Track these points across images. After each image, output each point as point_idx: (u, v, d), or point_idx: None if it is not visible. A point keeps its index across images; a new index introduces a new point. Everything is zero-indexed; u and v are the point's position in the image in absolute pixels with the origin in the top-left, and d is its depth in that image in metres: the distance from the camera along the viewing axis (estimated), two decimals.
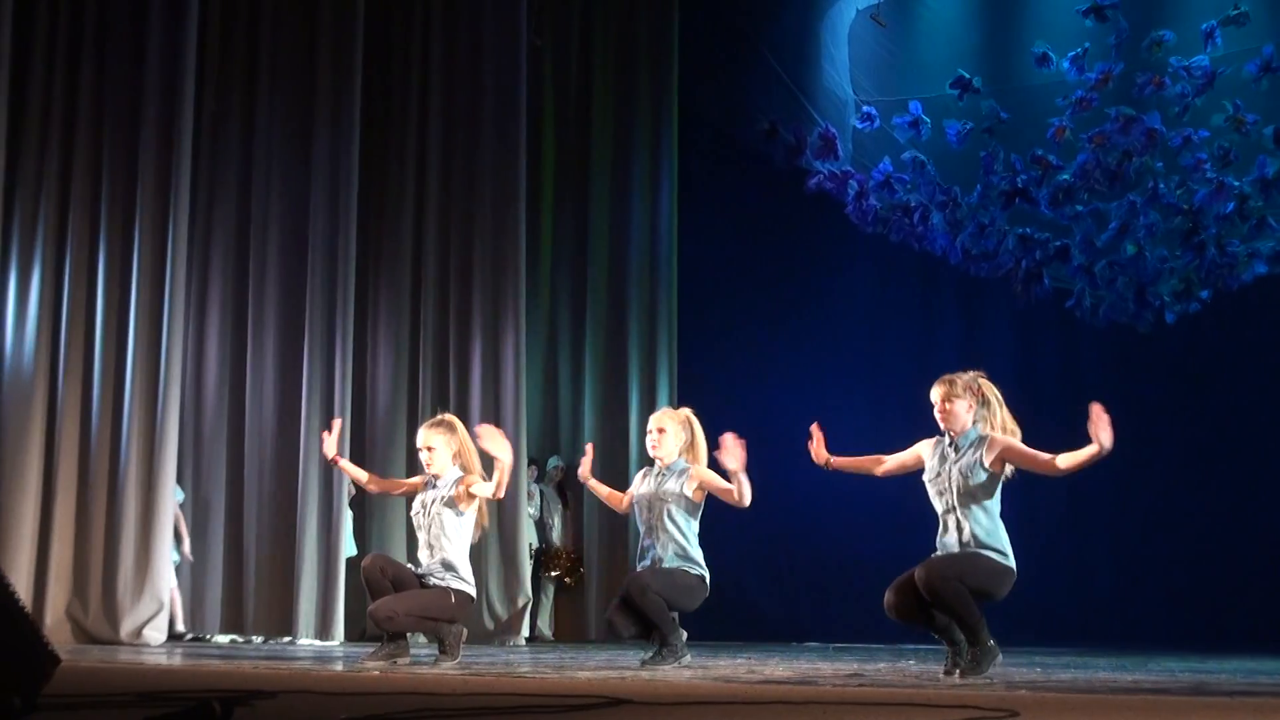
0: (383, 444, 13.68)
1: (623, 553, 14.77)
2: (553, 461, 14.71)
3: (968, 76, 14.90)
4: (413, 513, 8.85)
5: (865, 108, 15.39)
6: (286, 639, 12.55)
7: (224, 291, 13.24)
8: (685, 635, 8.45)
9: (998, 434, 7.55)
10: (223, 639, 12.48)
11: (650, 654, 8.37)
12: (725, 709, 4.82)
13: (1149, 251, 14.53)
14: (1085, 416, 7.38)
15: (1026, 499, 14.49)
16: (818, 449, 7.98)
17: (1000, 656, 7.36)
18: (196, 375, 13.11)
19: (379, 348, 13.88)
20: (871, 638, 13.37)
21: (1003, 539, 7.46)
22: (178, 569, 12.52)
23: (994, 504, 7.52)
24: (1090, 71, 14.55)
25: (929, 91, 15.17)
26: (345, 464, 9.58)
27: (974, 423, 7.62)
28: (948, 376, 7.70)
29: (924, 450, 7.84)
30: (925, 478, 7.78)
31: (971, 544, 7.44)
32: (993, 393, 7.70)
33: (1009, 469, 7.55)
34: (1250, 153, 14.20)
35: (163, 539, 11.70)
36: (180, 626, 12.41)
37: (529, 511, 13.89)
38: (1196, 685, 6.71)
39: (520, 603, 13.11)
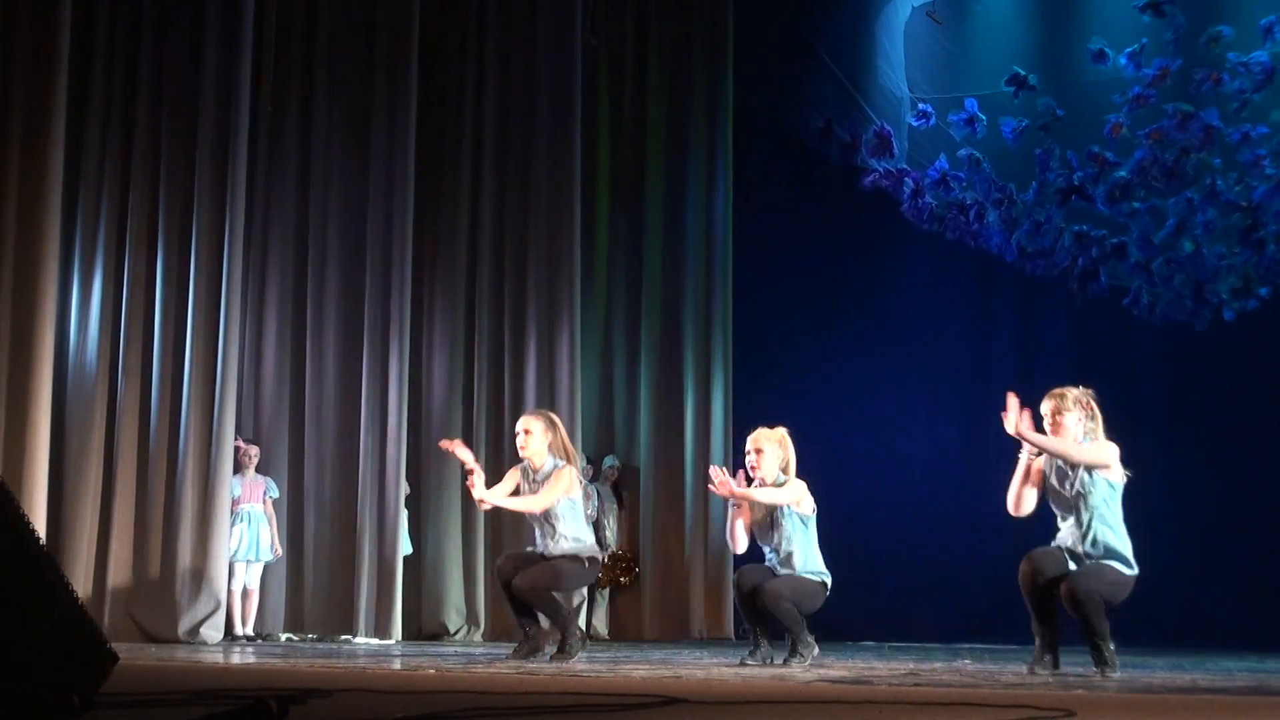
0: (438, 450, 13.70)
1: (679, 551, 14.78)
2: (609, 461, 14.71)
3: (1023, 74, 14.83)
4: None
5: (921, 105, 15.33)
6: (344, 637, 12.62)
7: (281, 293, 13.32)
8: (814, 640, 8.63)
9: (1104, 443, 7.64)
10: (281, 638, 12.56)
11: (784, 657, 8.53)
12: (780, 708, 4.81)
13: (1207, 249, 14.43)
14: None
15: None
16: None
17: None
18: (254, 377, 13.20)
19: (435, 348, 13.94)
20: (927, 637, 13.34)
21: (1128, 545, 7.59)
22: (270, 566, 12.66)
23: (1116, 509, 7.61)
24: (1147, 68, 14.45)
25: (985, 89, 15.11)
26: (491, 499, 9.54)
27: (1084, 435, 7.67)
28: (1058, 390, 7.79)
29: (1043, 465, 7.89)
30: (1049, 495, 7.87)
31: (1096, 549, 7.56)
32: (1098, 407, 7.76)
33: (1120, 474, 7.63)
34: None
35: (219, 539, 11.76)
36: (248, 629, 12.46)
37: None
38: (1255, 685, 6.67)
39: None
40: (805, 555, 8.66)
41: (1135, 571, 7.58)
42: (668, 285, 15.27)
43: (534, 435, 9.24)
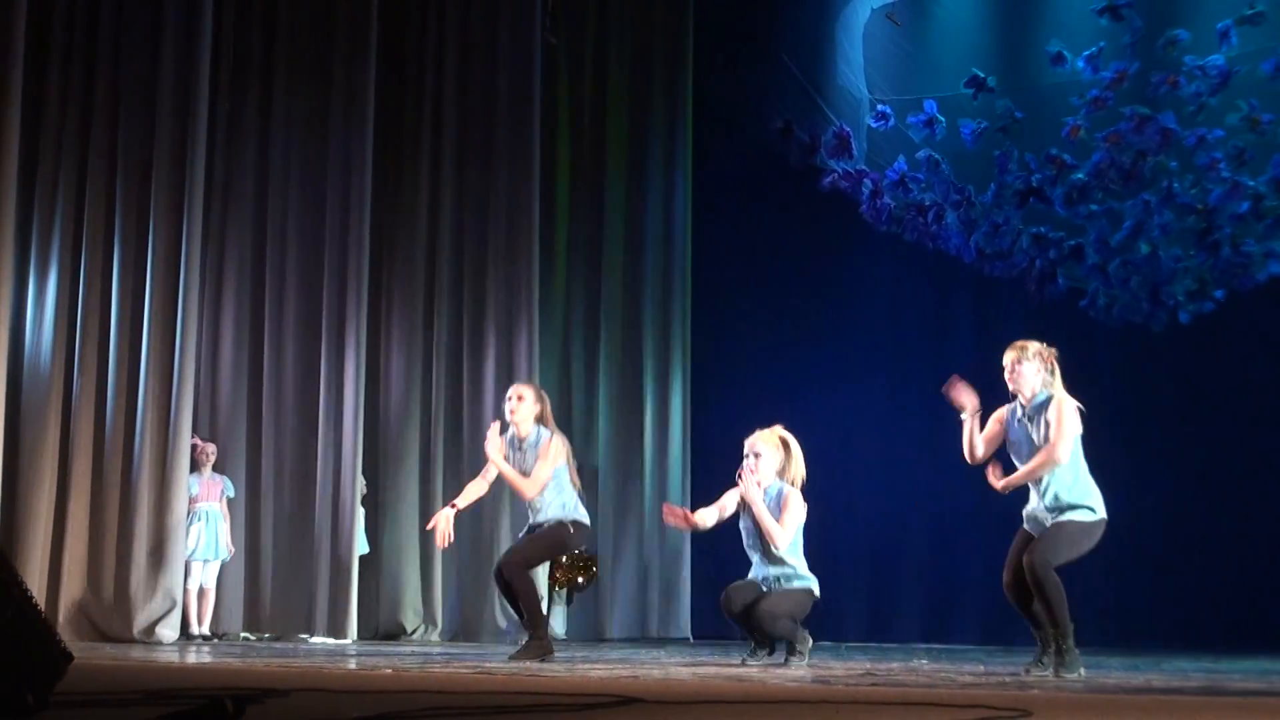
0: (395, 447, 13.71)
1: (636, 552, 14.83)
2: None
3: (982, 76, 14.87)
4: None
5: (880, 107, 15.37)
6: (301, 637, 12.58)
7: (239, 292, 13.26)
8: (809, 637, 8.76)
9: (1063, 396, 7.91)
10: (238, 637, 12.52)
11: (784, 656, 8.64)
12: (737, 707, 4.82)
13: (1163, 251, 14.51)
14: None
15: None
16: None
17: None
18: (211, 375, 13.13)
19: (392, 348, 13.90)
20: (884, 637, 13.38)
21: (1088, 492, 7.78)
22: (227, 565, 12.62)
23: (1075, 461, 7.81)
24: (1105, 70, 14.51)
25: (944, 90, 15.15)
26: (466, 500, 9.69)
27: (1042, 387, 7.95)
28: (1020, 343, 8.11)
29: (1001, 419, 8.16)
30: (1009, 449, 8.11)
31: (1056, 505, 7.72)
32: (1058, 365, 8.09)
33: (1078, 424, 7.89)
34: (1265, 152, 14.16)
35: (175, 538, 11.71)
36: (204, 629, 12.41)
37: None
38: (1209, 686, 6.71)
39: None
40: (795, 561, 8.81)
41: (1101, 516, 7.73)
42: (627, 286, 15.28)
43: (525, 402, 9.35)
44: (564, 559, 13.54)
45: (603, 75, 15.65)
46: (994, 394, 8.06)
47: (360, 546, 12.97)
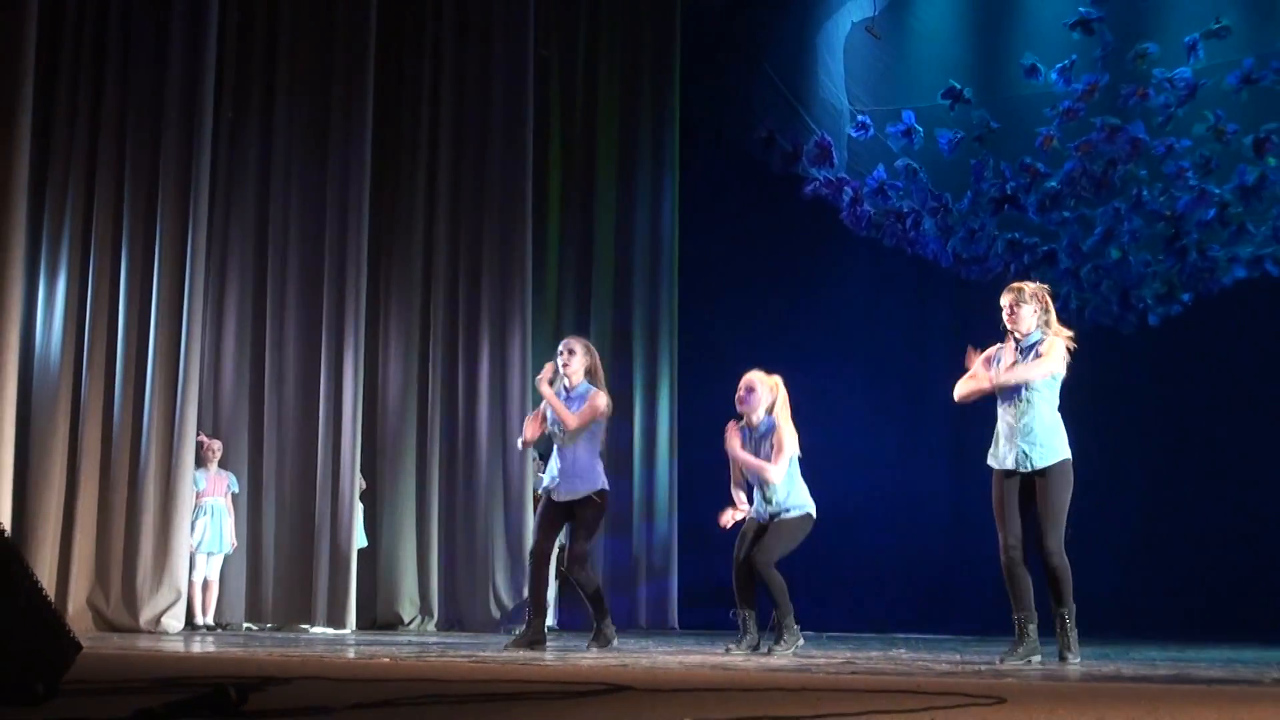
0: (393, 445, 13.71)
1: (626, 545, 14.85)
2: None
3: (959, 87, 14.89)
4: (549, 426, 9.29)
5: (860, 117, 15.39)
6: (302, 627, 12.57)
7: (242, 293, 13.25)
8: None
9: (1059, 332, 8.12)
10: (240, 627, 12.50)
11: (769, 645, 8.68)
12: (722, 695, 4.81)
13: (1133, 256, 14.54)
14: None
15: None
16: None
17: None
18: (215, 374, 13.12)
19: (390, 349, 13.90)
20: (865, 627, 13.38)
21: (1060, 435, 8.03)
22: (229, 558, 12.60)
23: (1053, 400, 8.08)
24: (1077, 83, 14.54)
25: (921, 101, 15.17)
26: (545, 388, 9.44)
27: (1038, 326, 8.15)
28: (1016, 285, 8.34)
29: (991, 356, 8.37)
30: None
31: (1030, 440, 8.03)
32: (1052, 301, 8.31)
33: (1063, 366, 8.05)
34: (1230, 161, 14.20)
35: (180, 532, 11.70)
36: (208, 619, 12.39)
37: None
38: (1177, 674, 6.71)
39: (525, 593, 13.11)
40: (790, 491, 8.84)
41: (1068, 455, 7.99)
42: (617, 288, 15.30)
43: (576, 355, 9.32)
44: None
45: (593, 86, 15.67)
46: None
47: (359, 540, 12.97)
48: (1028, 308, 8.14)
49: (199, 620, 12.29)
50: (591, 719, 3.75)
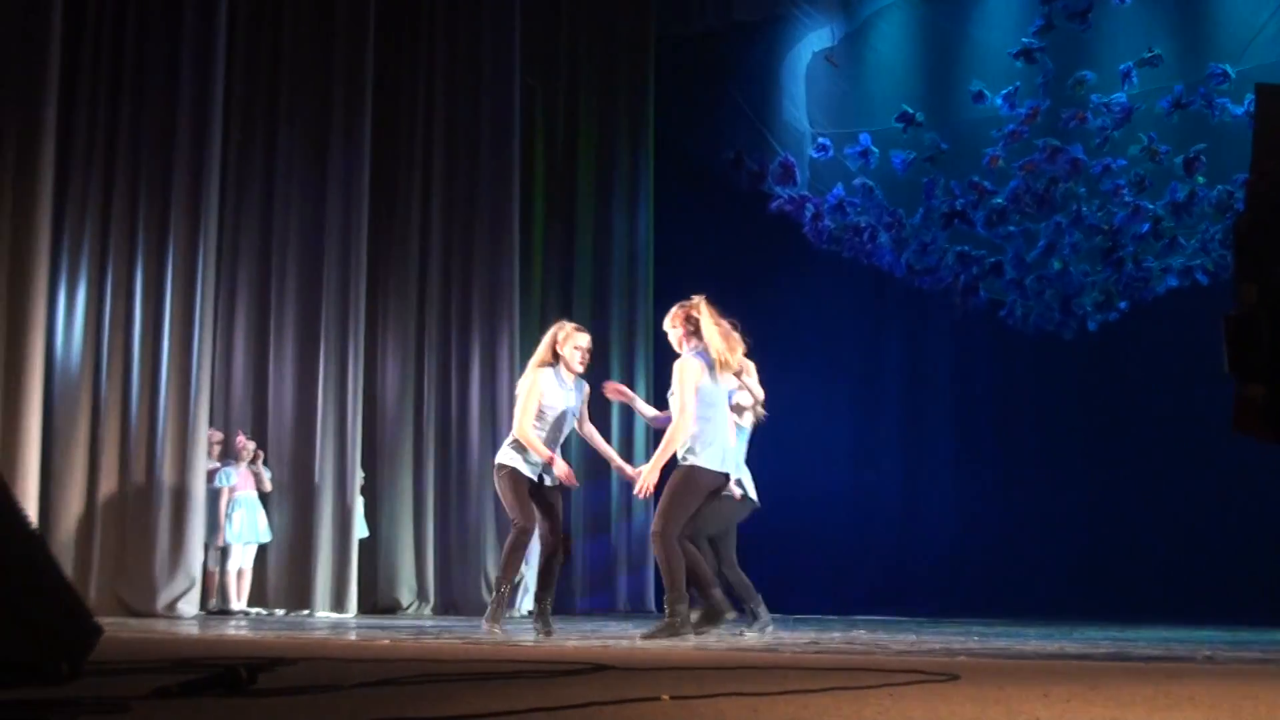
0: (392, 441, 13.69)
1: (606, 533, 14.86)
2: None
3: (911, 112, 14.93)
4: (556, 413, 8.77)
5: (820, 139, 15.42)
6: (305, 612, 12.53)
7: (248, 301, 13.21)
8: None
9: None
10: (249, 611, 12.46)
11: (742, 631, 8.53)
12: (697, 673, 4.81)
13: (1073, 267, 14.58)
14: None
15: (964, 489, 14.56)
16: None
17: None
18: (225, 377, 13.07)
19: (388, 352, 13.89)
20: (827, 610, 13.40)
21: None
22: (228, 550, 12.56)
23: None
24: (1020, 107, 14.59)
25: (877, 125, 15.21)
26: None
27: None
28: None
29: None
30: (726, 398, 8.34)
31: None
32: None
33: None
34: (1163, 179, 14.26)
35: (194, 523, 11.66)
36: (242, 604, 12.37)
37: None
38: (1116, 652, 6.72)
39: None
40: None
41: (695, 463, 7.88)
42: (596, 298, 15.32)
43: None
44: None
45: (574, 110, 15.68)
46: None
47: (360, 530, 12.94)
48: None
49: (234, 605, 12.27)
50: (576, 696, 3.75)
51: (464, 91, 14.29)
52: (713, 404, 8.03)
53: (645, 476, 8.04)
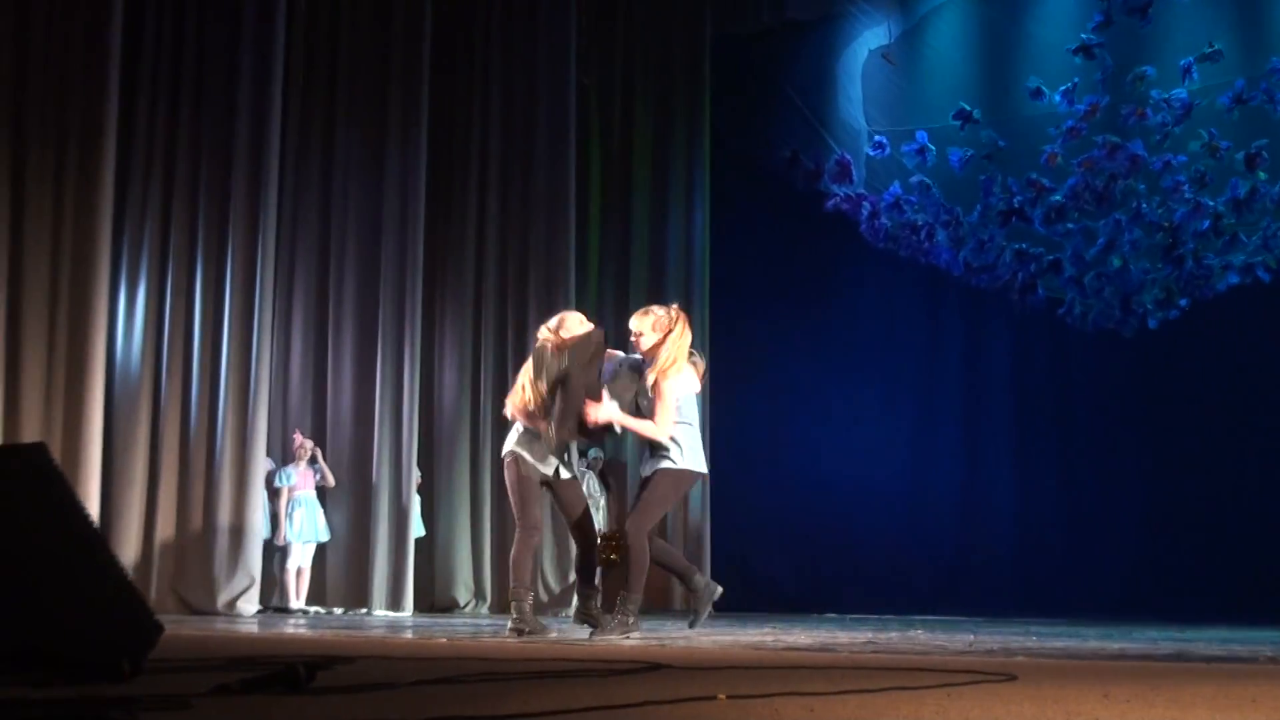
0: (448, 441, 13.74)
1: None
2: (593, 452, 14.69)
3: (969, 109, 14.84)
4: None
5: (877, 137, 15.34)
6: (363, 610, 12.59)
7: (306, 303, 13.30)
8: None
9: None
10: (308, 610, 12.55)
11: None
12: (753, 673, 4.80)
13: (1133, 264, 14.45)
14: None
15: (1023, 488, 14.47)
16: None
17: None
18: (283, 378, 13.17)
19: (445, 353, 13.94)
20: (884, 610, 13.34)
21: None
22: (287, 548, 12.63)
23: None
24: (1079, 104, 14.47)
25: (934, 122, 15.12)
26: None
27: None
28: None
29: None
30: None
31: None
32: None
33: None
34: (1223, 176, 14.11)
35: (254, 522, 11.76)
36: (301, 603, 12.47)
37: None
38: (1177, 653, 6.67)
39: (571, 578, 13.12)
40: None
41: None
42: (652, 297, 15.28)
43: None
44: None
45: (629, 110, 15.67)
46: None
47: (417, 530, 13.00)
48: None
49: (293, 604, 12.37)
50: (632, 695, 3.75)
51: (520, 93, 14.33)
52: (691, 410, 8.26)
53: (606, 410, 8.01)
